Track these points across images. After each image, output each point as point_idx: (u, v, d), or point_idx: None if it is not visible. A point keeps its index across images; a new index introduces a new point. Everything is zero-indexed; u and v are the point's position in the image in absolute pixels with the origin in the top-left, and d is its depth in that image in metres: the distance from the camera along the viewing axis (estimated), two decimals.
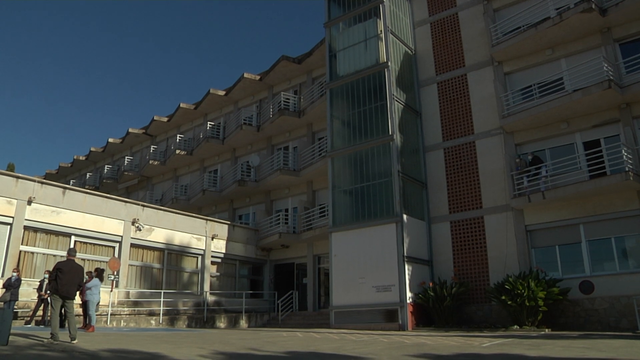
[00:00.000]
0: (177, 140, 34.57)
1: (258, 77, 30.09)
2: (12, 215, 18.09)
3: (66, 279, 10.89)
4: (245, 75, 29.96)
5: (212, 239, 25.13)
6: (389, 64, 21.23)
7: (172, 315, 21.49)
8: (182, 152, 33.39)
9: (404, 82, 22.13)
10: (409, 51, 23.18)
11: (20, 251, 18.30)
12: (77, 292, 11.64)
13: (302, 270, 26.45)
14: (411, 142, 21.55)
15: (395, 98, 20.93)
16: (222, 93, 32.12)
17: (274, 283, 27.50)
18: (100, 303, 17.07)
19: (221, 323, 22.80)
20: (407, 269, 18.93)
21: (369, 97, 21.47)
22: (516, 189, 18.71)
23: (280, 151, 28.32)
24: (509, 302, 16.54)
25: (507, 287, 16.78)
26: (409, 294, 18.63)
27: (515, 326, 16.47)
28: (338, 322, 19.65)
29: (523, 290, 16.25)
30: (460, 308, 18.76)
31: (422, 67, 23.15)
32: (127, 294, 21.07)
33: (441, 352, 9.92)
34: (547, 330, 16.12)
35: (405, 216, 19.58)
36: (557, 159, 18.52)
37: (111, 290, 19.33)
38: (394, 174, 19.85)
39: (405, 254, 18.99)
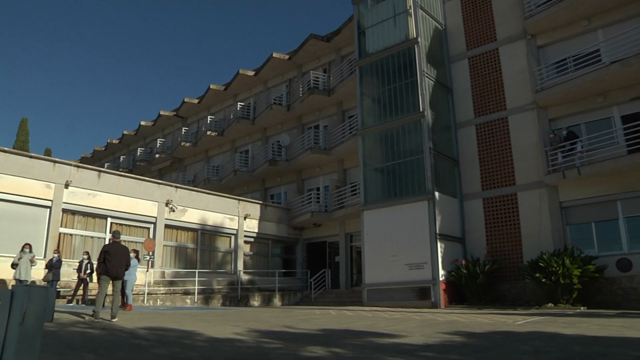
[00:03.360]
0: (208, 121, 34.83)
1: (287, 57, 30.00)
2: (51, 199, 18.63)
3: (114, 261, 11.37)
4: (274, 55, 29.89)
5: (245, 218, 25.41)
6: (419, 39, 20.90)
7: (207, 294, 21.87)
8: (213, 133, 33.65)
9: (434, 58, 21.78)
10: (439, 26, 22.76)
11: (60, 233, 18.87)
12: None
13: (334, 248, 26.57)
14: (442, 119, 21.28)
15: (425, 74, 20.65)
16: (251, 73, 32.14)
17: (306, 261, 27.70)
18: (137, 283, 17.50)
19: (255, 301, 23.12)
20: (440, 246, 18.84)
21: (399, 74, 21.22)
22: (550, 165, 18.34)
23: (310, 130, 28.28)
24: (543, 280, 16.35)
25: (541, 264, 16.56)
26: (441, 272, 18.57)
27: (550, 304, 16.29)
28: (371, 300, 19.74)
29: (558, 268, 16.03)
30: (493, 286, 18.60)
31: (452, 42, 22.72)
32: (163, 273, 21.54)
33: (474, 330, 9.90)
34: (582, 308, 15.89)
35: (437, 193, 19.43)
36: (593, 133, 18.03)
37: (147, 270, 19.77)
38: (425, 151, 19.66)
39: (437, 231, 18.89)
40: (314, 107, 28.56)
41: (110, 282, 11.59)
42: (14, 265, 15.34)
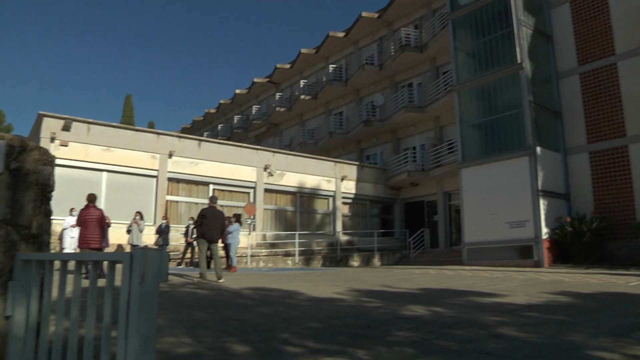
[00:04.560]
0: (301, 85, 35.13)
1: (377, 15, 29.44)
2: (157, 169, 19.82)
3: (210, 224, 11.86)
4: (364, 14, 29.42)
5: (342, 180, 25.68)
6: None
7: (307, 255, 22.49)
8: (307, 97, 33.94)
9: (532, 4, 20.48)
10: None
11: (167, 200, 20.07)
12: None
13: (432, 207, 26.34)
14: (542, 69, 20.16)
15: (522, 23, 19.55)
16: (341, 35, 31.90)
17: (404, 221, 27.67)
18: (240, 246, 18.29)
19: (354, 262, 23.50)
20: (542, 203, 18.13)
21: (494, 25, 20.24)
22: None
23: (404, 88, 27.84)
24: None
25: None
26: (544, 230, 17.91)
27: None
28: (470, 259, 19.47)
29: None
30: (601, 244, 17.60)
31: None
32: (264, 236, 22.35)
33: (581, 290, 9.56)
34: None
35: (538, 148, 18.59)
36: None
37: (249, 234, 20.57)
38: (525, 104, 18.80)
39: (539, 187, 18.16)
40: (406, 65, 28.01)
41: (207, 245, 12.12)
42: (128, 231, 16.53)
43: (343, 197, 25.90)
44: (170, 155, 20.15)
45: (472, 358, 4.25)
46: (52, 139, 17.55)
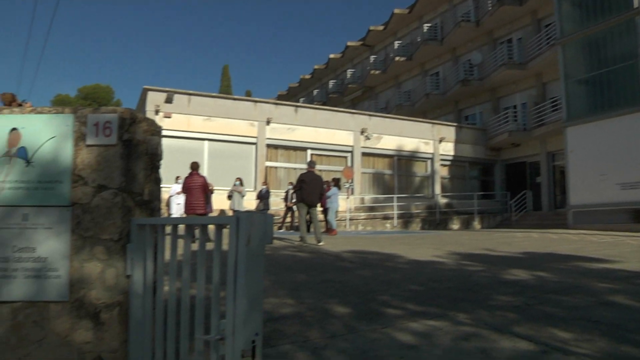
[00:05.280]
0: (395, 47, 34.43)
1: None
2: (256, 136, 20.45)
3: (309, 189, 12.10)
4: None
5: (440, 142, 25.24)
6: None
7: (406, 219, 22.42)
8: (402, 59, 33.26)
9: None
10: None
11: (266, 166, 20.67)
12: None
13: (535, 168, 25.33)
14: None
15: None
16: None
17: (505, 183, 26.85)
18: (339, 209, 18.53)
19: (454, 225, 23.15)
20: None
21: None
22: None
23: (503, 45, 26.61)
24: None
25: None
26: None
27: None
28: (576, 223, 18.60)
29: None
30: None
31: None
32: (362, 200, 22.52)
33: None
34: None
35: None
36: None
37: (347, 197, 20.77)
38: None
39: None
40: (505, 20, 26.65)
41: (307, 209, 12.34)
42: (229, 197, 17.23)
43: (441, 159, 25.48)
44: (268, 122, 20.66)
45: (580, 326, 4.09)
46: (157, 111, 18.52)
